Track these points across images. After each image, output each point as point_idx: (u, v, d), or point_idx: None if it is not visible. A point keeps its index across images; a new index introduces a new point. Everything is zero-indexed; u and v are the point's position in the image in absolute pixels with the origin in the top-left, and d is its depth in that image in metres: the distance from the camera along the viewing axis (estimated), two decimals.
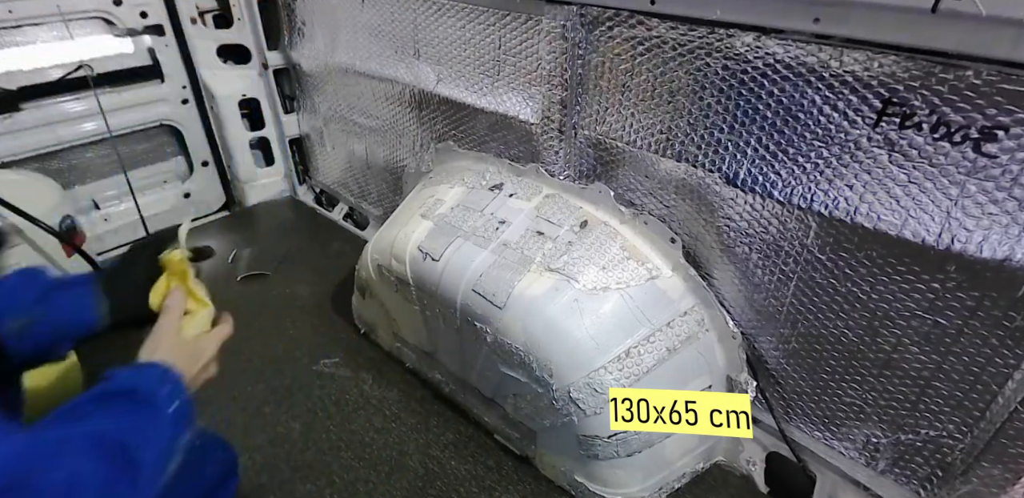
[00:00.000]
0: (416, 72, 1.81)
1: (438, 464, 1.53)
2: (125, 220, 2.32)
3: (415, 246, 1.49)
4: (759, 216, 1.19)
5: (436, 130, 1.88)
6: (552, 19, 1.34)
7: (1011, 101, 0.84)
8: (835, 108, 1.01)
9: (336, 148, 2.44)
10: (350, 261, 2.18)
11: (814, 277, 1.17)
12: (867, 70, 0.95)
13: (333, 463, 1.53)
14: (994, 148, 0.87)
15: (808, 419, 1.36)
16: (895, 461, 1.24)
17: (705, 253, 1.36)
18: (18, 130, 2.00)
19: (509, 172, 1.59)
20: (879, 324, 1.12)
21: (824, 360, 1.25)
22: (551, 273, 1.30)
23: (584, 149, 1.48)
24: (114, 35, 2.14)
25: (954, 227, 0.95)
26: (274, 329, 1.98)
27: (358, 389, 1.75)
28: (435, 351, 1.62)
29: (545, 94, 1.46)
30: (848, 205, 1.06)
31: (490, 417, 1.55)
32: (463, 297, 1.38)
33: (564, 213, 1.41)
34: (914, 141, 0.94)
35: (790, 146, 1.09)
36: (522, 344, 1.28)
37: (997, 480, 1.10)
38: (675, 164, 1.29)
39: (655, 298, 1.30)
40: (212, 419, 1.65)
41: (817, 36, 0.98)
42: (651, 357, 1.27)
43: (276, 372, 1.81)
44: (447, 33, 1.64)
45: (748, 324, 1.35)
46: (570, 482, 1.42)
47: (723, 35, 1.09)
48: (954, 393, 1.09)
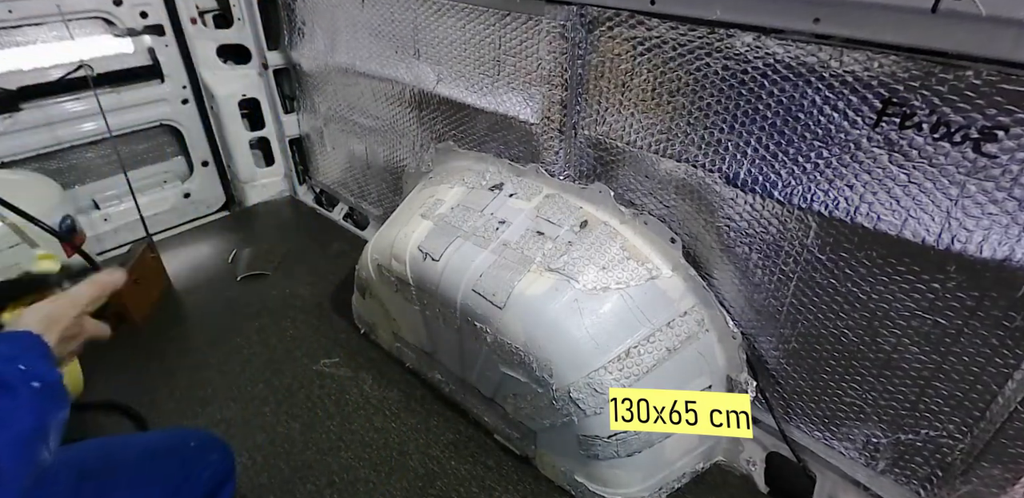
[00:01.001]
0: (416, 72, 1.81)
1: (438, 464, 1.53)
2: (125, 220, 2.33)
3: (415, 246, 1.49)
4: (759, 216, 1.19)
5: (436, 130, 1.88)
6: (552, 19, 1.34)
7: (1011, 101, 0.84)
8: (835, 108, 1.01)
9: (336, 148, 2.44)
10: (350, 261, 2.18)
11: (814, 277, 1.17)
12: (867, 70, 0.95)
13: (333, 463, 1.53)
14: (994, 148, 0.87)
15: (808, 419, 1.36)
16: (895, 461, 1.24)
17: (705, 253, 1.36)
18: (18, 130, 2.00)
19: (509, 172, 1.59)
20: (879, 324, 1.12)
21: (824, 360, 1.25)
22: (551, 273, 1.30)
23: (584, 149, 1.48)
24: (114, 35, 2.14)
25: (954, 227, 0.95)
26: (274, 329, 1.98)
27: (358, 389, 1.75)
28: (435, 351, 1.62)
29: (545, 94, 1.46)
30: (848, 205, 1.06)
31: (490, 417, 1.55)
32: (463, 297, 1.38)
33: (564, 213, 1.41)
34: (914, 141, 0.94)
35: (790, 146, 1.09)
36: (522, 344, 1.28)
37: (997, 480, 1.10)
38: (675, 164, 1.29)
39: (655, 298, 1.30)
40: (212, 419, 1.65)
41: (817, 36, 0.98)
42: (651, 357, 1.27)
43: (276, 372, 1.81)
44: (447, 33, 1.64)
45: (748, 324, 1.35)
46: (570, 482, 1.42)
47: (723, 35, 1.09)
48: (954, 393, 1.09)
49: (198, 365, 1.83)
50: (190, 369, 1.82)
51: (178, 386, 1.74)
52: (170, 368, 1.71)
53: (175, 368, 1.81)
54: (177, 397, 1.71)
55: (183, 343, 1.92)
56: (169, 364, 1.79)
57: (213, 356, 1.87)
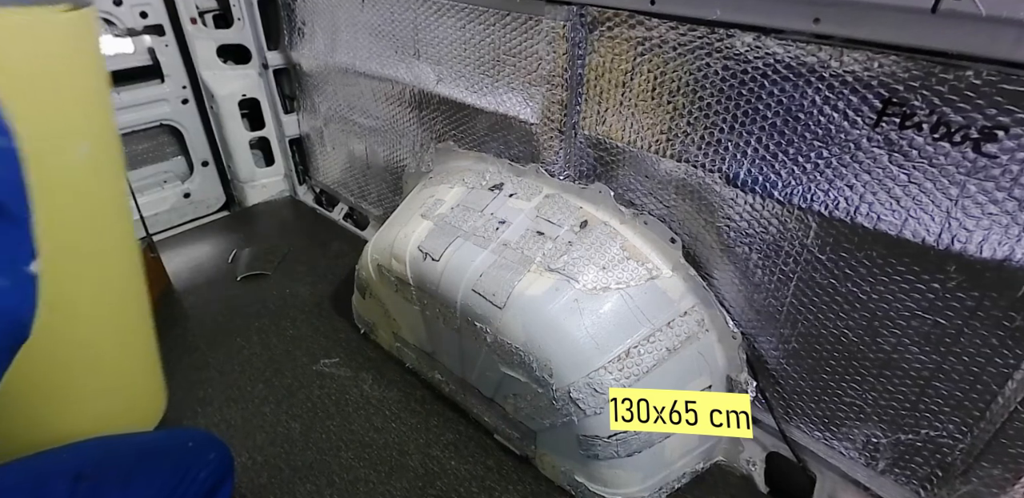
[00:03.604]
0: (416, 72, 1.81)
1: (438, 464, 1.53)
2: None
3: (415, 246, 1.49)
4: (759, 216, 1.19)
5: (436, 130, 1.88)
6: (552, 19, 1.34)
7: (1011, 101, 0.84)
8: (835, 108, 1.01)
9: (336, 148, 2.44)
10: (350, 261, 2.18)
11: (814, 277, 1.17)
12: (867, 70, 0.95)
13: (333, 463, 1.53)
14: (994, 148, 0.88)
15: (808, 419, 1.36)
16: (895, 461, 1.24)
17: (705, 253, 1.36)
18: None
19: (509, 172, 1.59)
20: (879, 324, 1.12)
21: (824, 360, 1.25)
22: (551, 273, 1.30)
23: (584, 149, 1.48)
24: (114, 35, 2.14)
25: (954, 227, 0.95)
26: (274, 329, 1.98)
27: (358, 389, 1.75)
28: (435, 351, 1.62)
29: (545, 94, 1.46)
30: (848, 205, 1.06)
31: (490, 417, 1.55)
32: (463, 297, 1.38)
33: (564, 213, 1.41)
34: (914, 141, 0.94)
35: (790, 146, 1.09)
36: (522, 344, 1.28)
37: (997, 480, 1.10)
38: (675, 164, 1.29)
39: (655, 298, 1.30)
40: (211, 419, 1.65)
41: (817, 36, 0.98)
42: (651, 357, 1.27)
43: (276, 372, 1.81)
44: (447, 33, 1.64)
45: (748, 324, 1.35)
46: (570, 482, 1.42)
47: (723, 35, 1.09)
48: (954, 393, 1.09)
49: (198, 365, 1.83)
50: (190, 369, 1.82)
51: (178, 386, 1.74)
52: (169, 368, 1.71)
53: (174, 368, 1.81)
54: (177, 397, 1.71)
55: (183, 343, 1.92)
56: (168, 364, 1.78)
57: (213, 356, 1.87)
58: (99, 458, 1.02)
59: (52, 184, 1.07)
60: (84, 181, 1.18)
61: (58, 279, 0.91)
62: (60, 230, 1.11)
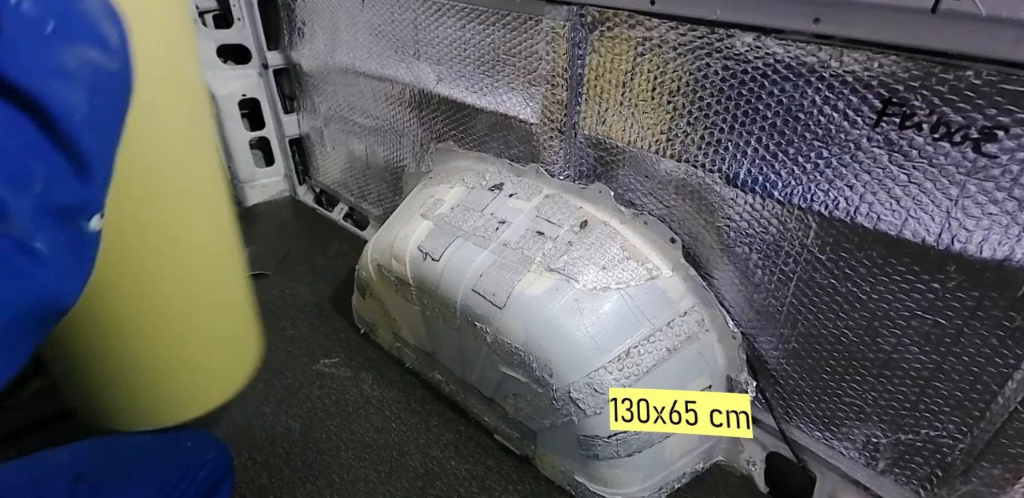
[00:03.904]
0: (416, 72, 1.81)
1: (438, 464, 1.53)
2: None
3: (415, 246, 1.49)
4: (759, 216, 1.19)
5: (436, 130, 1.88)
6: (552, 19, 1.34)
7: (1011, 101, 0.84)
8: (835, 108, 1.01)
9: (336, 148, 2.44)
10: (350, 261, 2.18)
11: (814, 277, 1.17)
12: (867, 70, 0.95)
13: (333, 463, 1.53)
14: (994, 148, 0.88)
15: (808, 419, 1.36)
16: (895, 461, 1.24)
17: (705, 253, 1.36)
18: None
19: (509, 172, 1.59)
20: (879, 324, 1.12)
21: (824, 360, 1.25)
22: (551, 273, 1.30)
23: (584, 149, 1.48)
24: None
25: (954, 227, 0.95)
26: (274, 329, 1.98)
27: (358, 389, 1.75)
28: (435, 351, 1.62)
29: (545, 94, 1.46)
30: (848, 205, 1.06)
31: (490, 417, 1.55)
32: (463, 297, 1.38)
33: (564, 213, 1.41)
34: (914, 141, 0.94)
35: (790, 146, 1.09)
36: (522, 344, 1.28)
37: (997, 480, 1.10)
38: (675, 164, 1.29)
39: (655, 298, 1.30)
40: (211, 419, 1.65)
41: (817, 36, 0.98)
42: (651, 357, 1.27)
43: (276, 372, 1.81)
44: (447, 33, 1.64)
45: (748, 324, 1.35)
46: (570, 482, 1.42)
47: (723, 35, 1.09)
48: (954, 393, 1.09)
49: None
50: None
51: None
52: None
53: None
54: None
55: None
56: None
57: None
58: (99, 458, 1.02)
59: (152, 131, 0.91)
60: (184, 132, 1.03)
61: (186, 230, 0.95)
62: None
